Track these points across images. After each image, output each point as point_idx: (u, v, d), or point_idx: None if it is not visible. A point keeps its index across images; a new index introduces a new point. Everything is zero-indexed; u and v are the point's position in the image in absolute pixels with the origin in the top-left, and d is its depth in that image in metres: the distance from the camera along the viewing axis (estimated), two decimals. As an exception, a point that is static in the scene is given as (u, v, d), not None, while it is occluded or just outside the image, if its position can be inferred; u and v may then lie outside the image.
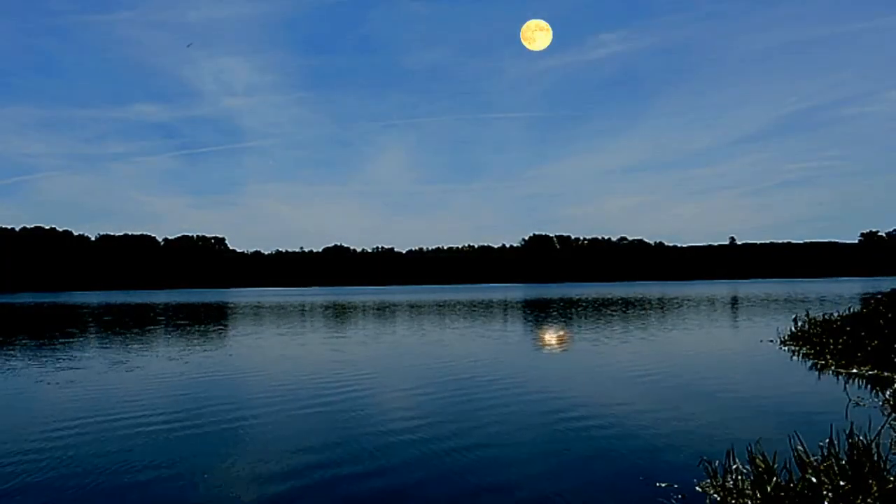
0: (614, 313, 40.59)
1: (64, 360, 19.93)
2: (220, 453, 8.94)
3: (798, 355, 18.14)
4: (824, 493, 6.12)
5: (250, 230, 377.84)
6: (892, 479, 6.20)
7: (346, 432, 10.00)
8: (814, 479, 6.30)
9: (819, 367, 15.98)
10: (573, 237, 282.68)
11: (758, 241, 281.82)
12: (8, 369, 17.93)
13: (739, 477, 6.94)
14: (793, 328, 22.39)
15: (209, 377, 16.11)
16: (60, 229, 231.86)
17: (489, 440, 9.41)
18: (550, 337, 26.29)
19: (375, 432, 9.93)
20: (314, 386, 14.43)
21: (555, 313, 41.94)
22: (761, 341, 22.08)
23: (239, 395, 13.49)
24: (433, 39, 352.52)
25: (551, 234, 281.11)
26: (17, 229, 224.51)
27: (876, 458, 6.48)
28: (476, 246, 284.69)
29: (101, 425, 10.70)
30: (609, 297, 72.31)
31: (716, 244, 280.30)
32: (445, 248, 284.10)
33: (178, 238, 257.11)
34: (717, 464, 7.27)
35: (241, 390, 14.27)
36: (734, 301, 58.05)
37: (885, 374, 14.09)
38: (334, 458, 8.57)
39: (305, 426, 10.55)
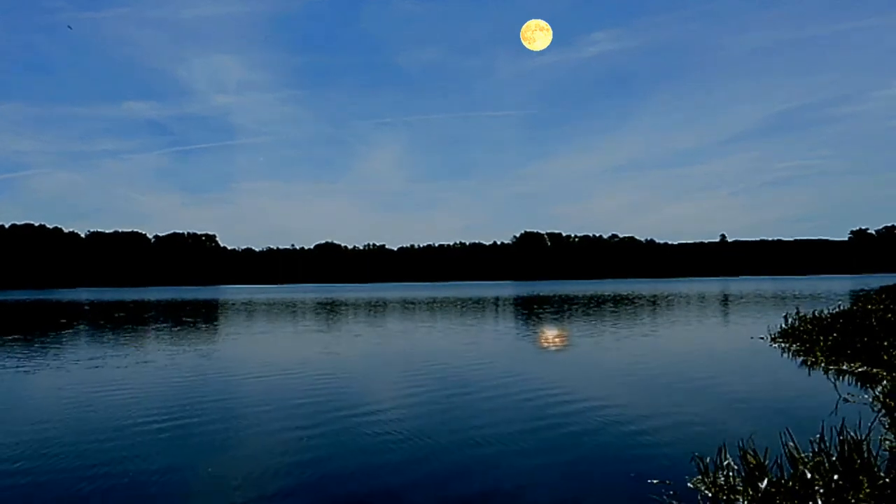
0: (606, 311, 40.67)
1: (58, 358, 19.81)
2: (217, 452, 8.91)
3: (789, 352, 18.21)
4: (816, 489, 6.14)
5: (242, 227, 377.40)
6: (882, 474, 6.23)
7: (345, 433, 9.99)
8: (805, 476, 6.32)
9: (809, 363, 16.05)
10: (565, 235, 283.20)
11: (748, 239, 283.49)
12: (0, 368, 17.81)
13: (731, 473, 6.96)
14: (783, 325, 22.50)
15: (204, 376, 16.04)
16: (51, 226, 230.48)
17: (482, 439, 9.40)
18: (542, 335, 26.31)
19: (371, 433, 9.92)
20: (310, 385, 14.39)
21: (546, 311, 41.99)
22: (752, 338, 22.16)
23: (234, 394, 13.42)
24: (425, 38, 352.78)
25: (543, 232, 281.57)
26: (6, 226, 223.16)
27: (866, 455, 6.50)
28: (468, 243, 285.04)
29: (99, 424, 10.65)
30: (600, 294, 72.46)
31: (706, 242, 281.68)
32: (437, 245, 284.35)
33: (169, 235, 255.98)
34: (708, 460, 7.29)
35: (236, 389, 14.19)
36: (725, 298, 58.26)
37: (875, 370, 14.16)
38: (333, 460, 8.56)
39: (303, 425, 10.51)
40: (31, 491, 7.37)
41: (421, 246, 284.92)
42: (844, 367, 14.95)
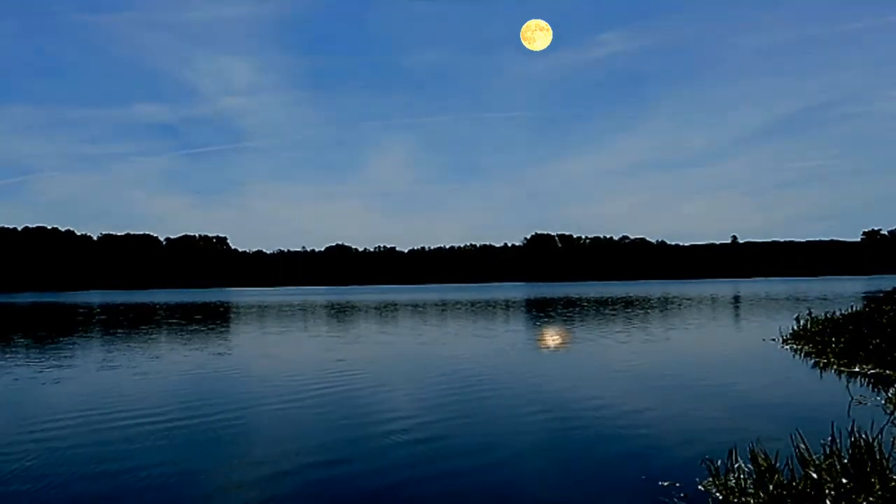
0: (616, 313, 40.58)
1: (69, 359, 19.97)
2: (222, 453, 8.98)
3: (800, 354, 18.14)
4: (826, 491, 6.14)
5: (252, 230, 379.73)
6: (894, 477, 6.22)
7: (349, 434, 10.04)
8: (816, 478, 6.32)
9: (821, 365, 15.99)
10: (575, 236, 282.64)
11: (760, 240, 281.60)
12: (10, 369, 17.95)
13: (742, 475, 6.96)
14: (795, 327, 22.37)
15: (212, 378, 16.16)
16: (63, 229, 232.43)
17: (491, 439, 9.44)
18: (552, 337, 26.31)
19: (377, 434, 9.96)
20: (317, 387, 14.44)
21: (557, 313, 41.94)
22: (763, 340, 22.07)
23: (241, 396, 13.50)
24: (434, 39, 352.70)
25: (553, 233, 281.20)
26: (19, 229, 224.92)
27: (878, 457, 6.49)
28: (478, 245, 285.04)
29: (105, 425, 10.73)
30: (611, 296, 72.28)
31: (718, 243, 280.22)
32: (447, 247, 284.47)
33: (180, 238, 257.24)
34: (719, 462, 7.29)
35: (243, 391, 14.29)
36: (736, 300, 58.01)
37: (887, 372, 14.08)
38: (335, 460, 8.60)
39: (309, 427, 10.59)
40: (42, 490, 7.44)
41: (431, 248, 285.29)
42: (856, 369, 14.87)
